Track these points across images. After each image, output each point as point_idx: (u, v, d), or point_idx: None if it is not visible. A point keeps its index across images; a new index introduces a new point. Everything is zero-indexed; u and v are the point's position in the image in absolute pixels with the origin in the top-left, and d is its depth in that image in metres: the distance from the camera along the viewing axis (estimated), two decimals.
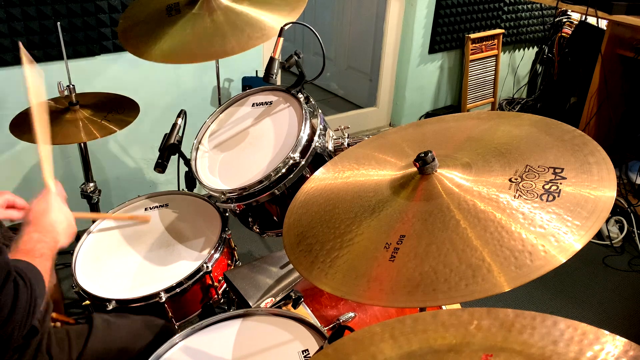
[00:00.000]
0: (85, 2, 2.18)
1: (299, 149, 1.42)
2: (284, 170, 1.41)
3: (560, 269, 0.73)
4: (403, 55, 3.46)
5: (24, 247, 1.01)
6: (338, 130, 1.65)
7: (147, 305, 1.38)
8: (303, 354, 1.06)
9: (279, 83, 1.67)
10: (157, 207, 1.66)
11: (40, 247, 1.02)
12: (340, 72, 4.04)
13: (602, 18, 2.69)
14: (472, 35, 3.47)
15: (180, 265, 1.46)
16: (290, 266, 1.37)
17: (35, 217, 1.08)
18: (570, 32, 3.33)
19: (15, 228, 1.48)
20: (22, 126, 1.72)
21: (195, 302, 1.47)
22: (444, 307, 0.92)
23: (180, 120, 1.64)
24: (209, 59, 1.61)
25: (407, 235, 0.85)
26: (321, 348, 1.05)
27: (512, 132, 1.01)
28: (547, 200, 0.82)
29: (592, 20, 2.99)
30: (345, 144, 1.57)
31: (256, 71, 2.75)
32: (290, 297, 1.25)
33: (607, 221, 2.68)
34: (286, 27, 1.56)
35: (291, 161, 1.40)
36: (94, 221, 1.62)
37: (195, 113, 2.07)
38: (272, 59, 1.52)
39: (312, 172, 1.23)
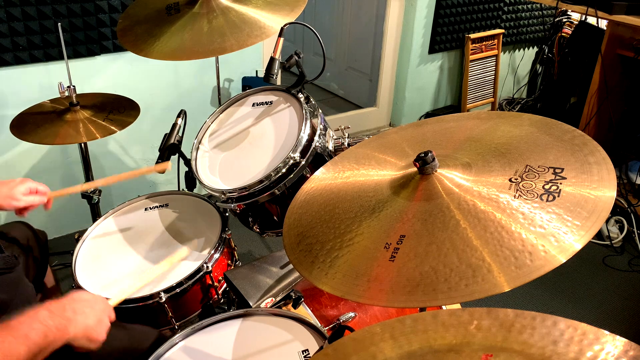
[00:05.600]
0: (85, 2, 2.18)
1: (299, 148, 1.42)
2: (284, 170, 1.41)
3: (560, 269, 0.73)
4: (403, 56, 3.46)
5: (19, 320, 0.87)
6: (338, 130, 1.65)
7: (147, 305, 1.38)
8: (303, 354, 1.06)
9: (279, 83, 1.67)
10: (157, 207, 1.66)
11: (32, 328, 0.87)
12: (341, 72, 4.04)
13: (602, 18, 2.69)
14: (472, 35, 3.47)
15: (180, 265, 1.46)
16: (290, 266, 1.37)
17: (72, 298, 0.98)
18: (570, 32, 3.33)
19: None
20: (22, 126, 1.72)
21: (195, 302, 1.47)
22: (444, 307, 0.92)
23: (180, 120, 1.65)
24: (208, 55, 1.61)
25: (407, 235, 0.85)
26: (321, 348, 1.05)
27: (512, 132, 1.01)
28: (547, 200, 0.82)
29: (592, 20, 2.99)
30: (346, 144, 1.57)
31: (256, 71, 2.75)
32: (290, 297, 1.25)
33: (607, 221, 2.67)
34: (286, 27, 1.56)
35: (291, 161, 1.40)
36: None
37: (195, 113, 2.07)
38: (272, 59, 1.53)
39: (312, 172, 1.23)
